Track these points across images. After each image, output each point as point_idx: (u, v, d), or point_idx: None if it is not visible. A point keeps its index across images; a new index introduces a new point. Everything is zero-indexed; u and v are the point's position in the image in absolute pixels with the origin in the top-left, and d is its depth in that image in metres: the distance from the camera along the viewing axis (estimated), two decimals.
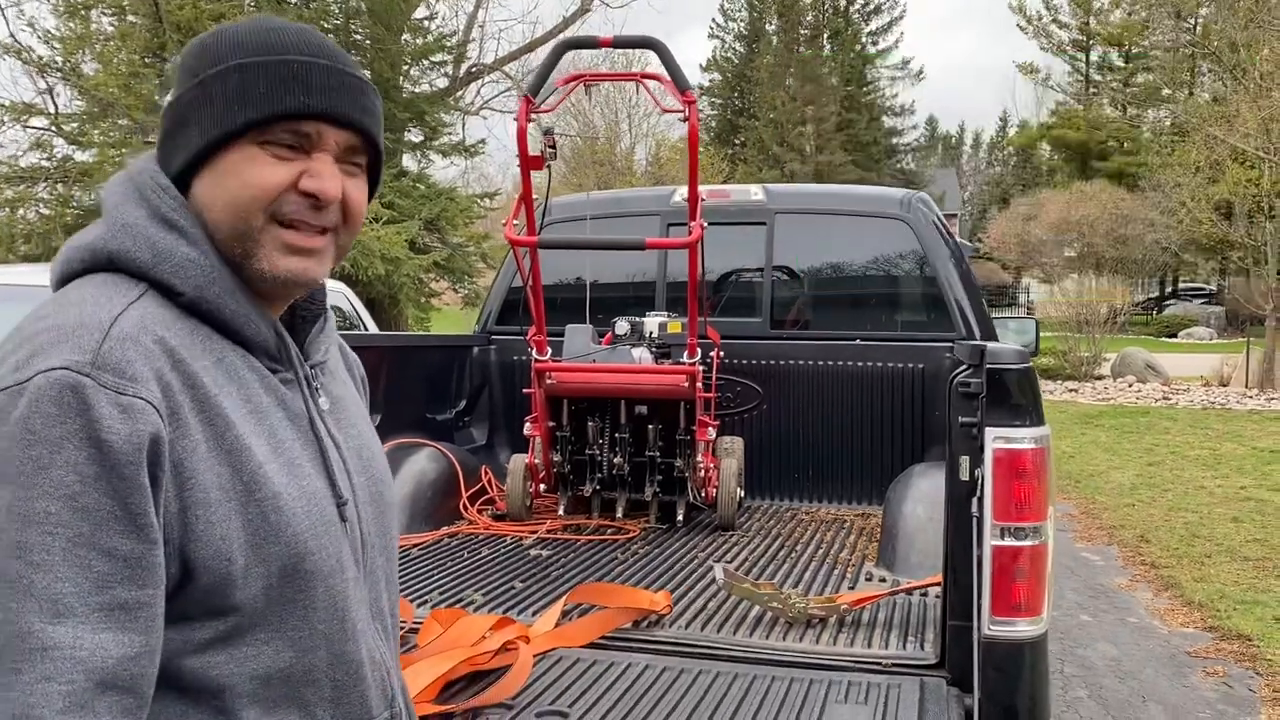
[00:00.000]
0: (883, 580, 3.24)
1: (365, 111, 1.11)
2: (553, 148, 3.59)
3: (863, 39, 50.73)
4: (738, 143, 47.53)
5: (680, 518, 4.05)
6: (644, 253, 4.58)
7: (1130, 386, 18.91)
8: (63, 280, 1.07)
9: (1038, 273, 36.61)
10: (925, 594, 3.00)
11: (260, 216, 1.06)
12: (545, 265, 4.10)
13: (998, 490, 2.25)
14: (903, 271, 4.63)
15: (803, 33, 48.19)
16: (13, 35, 14.68)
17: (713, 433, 4.12)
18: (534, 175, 3.84)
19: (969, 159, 69.24)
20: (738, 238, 4.61)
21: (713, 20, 79.32)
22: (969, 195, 57.14)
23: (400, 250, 14.99)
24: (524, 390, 4.18)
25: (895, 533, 3.43)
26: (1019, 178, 53.05)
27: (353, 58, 1.15)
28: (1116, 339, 22.70)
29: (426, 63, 18.78)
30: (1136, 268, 33.06)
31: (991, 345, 2.36)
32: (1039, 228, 33.17)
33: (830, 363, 4.45)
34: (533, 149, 3.69)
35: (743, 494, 4.21)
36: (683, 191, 4.61)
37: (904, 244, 4.53)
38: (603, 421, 4.09)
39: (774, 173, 42.49)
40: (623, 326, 4.20)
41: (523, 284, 4.00)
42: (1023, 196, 40.42)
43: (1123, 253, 30.93)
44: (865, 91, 50.25)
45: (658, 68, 3.86)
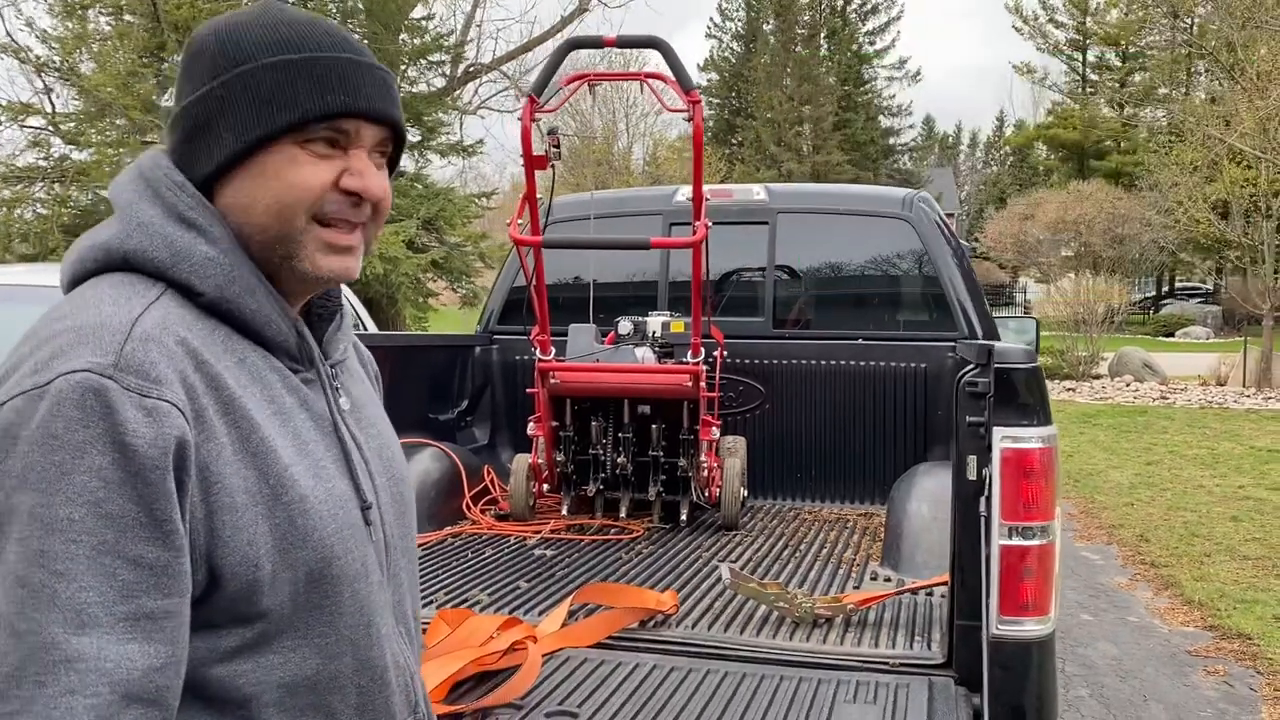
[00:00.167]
0: (888, 580, 3.24)
1: (395, 104, 1.10)
2: (557, 147, 3.58)
3: (860, 39, 50.75)
4: (735, 142, 47.49)
5: (684, 517, 4.05)
6: (646, 252, 4.57)
7: (1128, 386, 18.92)
8: (75, 280, 1.04)
9: (1034, 272, 36.67)
10: (931, 594, 3.01)
11: (303, 218, 1.04)
12: (547, 265, 4.09)
13: (1005, 490, 2.24)
14: (905, 271, 4.63)
15: (800, 32, 48.16)
16: (9, 35, 14.68)
17: (716, 432, 4.11)
18: (538, 175, 3.83)
19: (966, 159, 69.30)
20: (740, 237, 4.60)
21: (710, 20, 79.39)
22: (966, 195, 57.16)
23: (398, 250, 15.00)
24: (527, 390, 4.17)
25: (900, 532, 3.42)
26: (1016, 177, 53.07)
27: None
28: (1114, 338, 22.72)
29: (424, 62, 18.79)
30: (1133, 267, 33.10)
31: (999, 345, 2.36)
32: (1036, 227, 33.21)
33: (832, 362, 4.45)
34: (536, 148, 3.68)
35: (746, 493, 4.21)
36: (685, 191, 4.61)
37: (906, 243, 4.53)
38: (606, 421, 4.09)
39: (771, 172, 42.47)
40: (626, 326, 4.20)
41: (526, 283, 3.99)
42: (1019, 196, 40.44)
43: (1119, 252, 30.97)
44: (862, 91, 50.26)
45: (658, 67, 3.86)
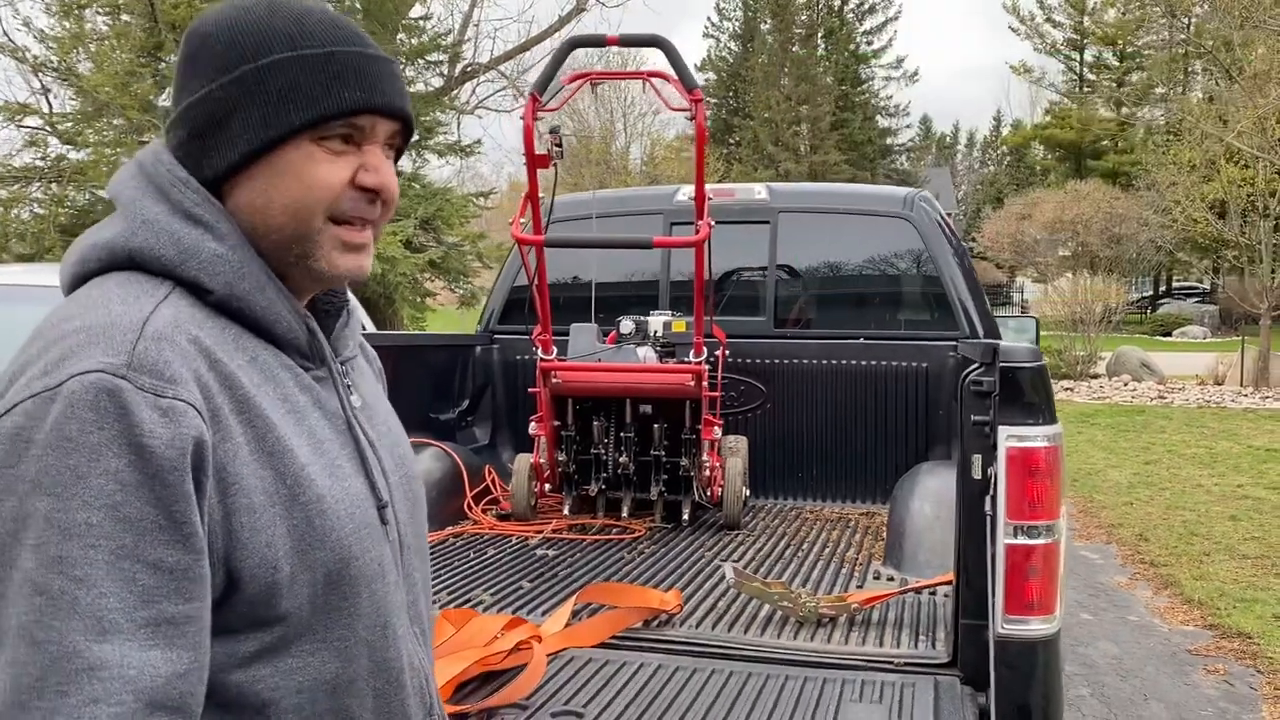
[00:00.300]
0: (891, 579, 3.23)
1: (406, 97, 1.09)
2: (559, 146, 3.58)
3: (857, 38, 50.74)
4: (732, 142, 47.46)
5: (686, 517, 4.05)
6: (647, 251, 4.57)
7: (1126, 385, 18.93)
8: (76, 281, 1.02)
9: (1032, 272, 36.66)
10: (934, 593, 3.00)
11: (321, 217, 1.03)
12: (549, 264, 4.09)
13: (1011, 489, 2.24)
14: (906, 270, 4.63)
15: (797, 32, 48.14)
16: (6, 34, 14.65)
17: (718, 431, 4.11)
18: (539, 174, 3.83)
19: (963, 159, 69.30)
20: (741, 236, 4.60)
21: (707, 19, 79.36)
22: (963, 195, 57.10)
23: (396, 250, 14.97)
24: (529, 390, 4.17)
25: (903, 531, 3.42)
26: (1013, 177, 53.02)
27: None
28: (1111, 338, 22.75)
29: (422, 62, 18.75)
30: (1130, 267, 33.10)
31: (1005, 344, 2.36)
32: (1033, 227, 33.20)
33: (833, 361, 4.45)
34: (538, 147, 3.68)
35: (748, 493, 4.21)
36: (686, 190, 4.61)
37: (907, 243, 4.53)
38: (608, 421, 4.08)
39: (769, 172, 42.45)
40: (627, 325, 4.19)
41: (528, 283, 3.99)
42: (1017, 196, 40.41)
43: (1117, 252, 30.98)
44: (859, 91, 50.24)
45: (657, 66, 3.86)
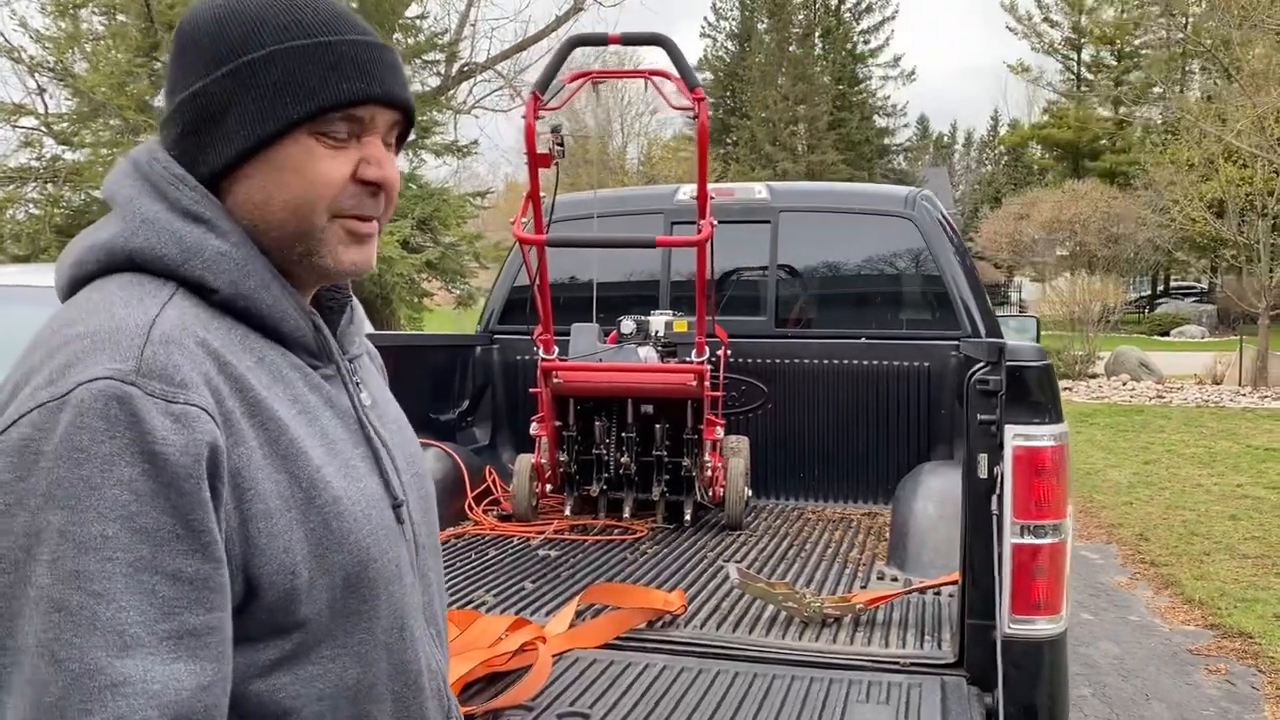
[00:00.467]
0: (894, 579, 3.23)
1: (406, 85, 1.06)
2: (560, 145, 3.56)
3: (854, 38, 50.75)
4: (730, 142, 47.44)
5: (688, 517, 4.04)
6: (648, 251, 4.56)
7: (1124, 385, 18.94)
8: (74, 283, 0.98)
9: (1029, 271, 36.70)
10: (938, 593, 2.99)
11: (324, 214, 1.00)
12: (549, 264, 4.08)
13: (1017, 488, 2.24)
14: (907, 269, 4.62)
15: (794, 31, 48.14)
16: (1, 35, 14.61)
17: (720, 432, 4.10)
18: (541, 173, 3.82)
19: (960, 158, 69.29)
20: (742, 236, 4.59)
21: (704, 19, 79.23)
22: (960, 194, 57.12)
23: (393, 250, 14.94)
24: (529, 390, 4.15)
25: (906, 531, 3.41)
26: (1010, 177, 53.03)
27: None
28: (1109, 337, 22.77)
29: (419, 62, 18.70)
30: (1128, 266, 33.16)
31: (1011, 343, 2.35)
32: (1031, 227, 33.24)
33: (835, 361, 4.44)
34: (540, 146, 3.67)
35: (750, 493, 4.20)
36: (687, 189, 4.60)
37: (909, 242, 4.52)
38: (609, 421, 4.07)
39: (766, 172, 42.44)
40: (628, 325, 4.18)
41: (530, 283, 3.98)
42: (1014, 196, 40.44)
43: (1115, 251, 31.04)
44: (857, 91, 50.25)
45: (656, 65, 3.85)
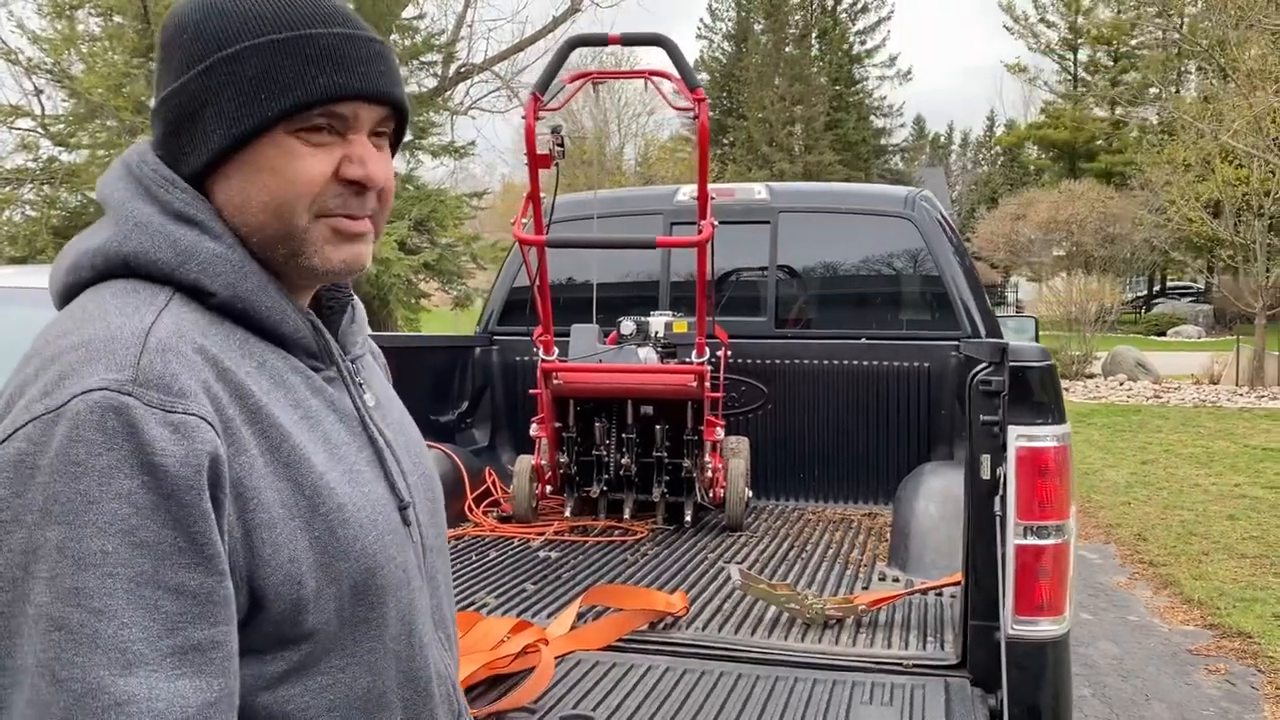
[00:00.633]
0: (896, 580, 3.22)
1: (395, 81, 1.01)
2: (561, 145, 3.56)
3: (850, 38, 50.78)
4: (726, 143, 47.43)
5: (688, 518, 4.03)
6: (647, 252, 4.55)
7: (1121, 385, 18.97)
8: (69, 290, 0.96)
9: (1026, 271, 36.72)
10: (940, 594, 2.99)
11: (306, 214, 0.97)
12: (549, 264, 4.07)
13: (1020, 489, 2.23)
14: (907, 270, 4.62)
15: (791, 32, 48.16)
16: None
17: (720, 432, 4.09)
18: (540, 173, 3.81)
19: (957, 159, 69.31)
20: (742, 236, 4.59)
21: (700, 20, 79.39)
22: (957, 195, 57.17)
23: (390, 251, 14.93)
24: (529, 391, 4.14)
25: (907, 532, 3.41)
26: (1007, 177, 53.05)
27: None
28: (1106, 337, 22.79)
29: (415, 63, 18.69)
30: (1125, 266, 33.20)
31: (1014, 343, 2.35)
32: (1027, 227, 33.26)
33: (835, 362, 4.43)
34: (540, 147, 3.66)
35: (750, 494, 4.19)
36: (686, 190, 4.59)
37: (908, 242, 4.51)
38: (609, 422, 4.06)
39: (763, 173, 42.44)
40: (628, 326, 4.17)
41: (530, 283, 3.97)
42: (1011, 196, 40.46)
43: (1111, 251, 31.07)
44: (853, 91, 50.29)
45: (654, 65, 3.84)
